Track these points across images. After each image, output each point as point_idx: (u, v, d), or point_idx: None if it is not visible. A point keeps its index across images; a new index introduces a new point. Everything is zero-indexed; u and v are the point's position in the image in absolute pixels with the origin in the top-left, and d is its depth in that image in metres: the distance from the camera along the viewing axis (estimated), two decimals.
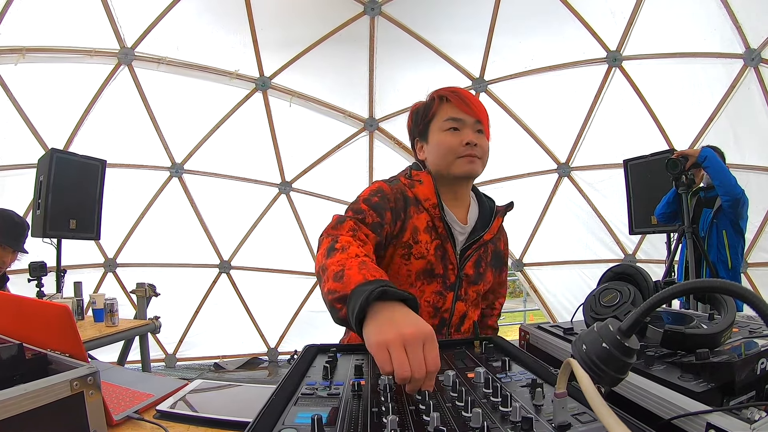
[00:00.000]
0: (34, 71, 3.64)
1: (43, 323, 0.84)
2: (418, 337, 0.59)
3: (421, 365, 0.57)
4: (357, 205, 1.00)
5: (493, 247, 1.16)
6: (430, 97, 1.12)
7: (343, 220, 0.95)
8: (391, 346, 0.58)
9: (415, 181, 1.07)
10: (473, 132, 1.06)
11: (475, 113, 1.06)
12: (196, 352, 4.68)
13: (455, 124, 1.06)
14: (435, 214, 1.05)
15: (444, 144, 1.06)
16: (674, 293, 0.44)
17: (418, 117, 1.13)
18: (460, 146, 1.04)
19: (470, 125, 1.06)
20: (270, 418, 0.51)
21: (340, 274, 0.75)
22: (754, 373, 0.65)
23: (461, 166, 1.05)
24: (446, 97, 1.08)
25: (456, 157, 1.05)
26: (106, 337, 2.31)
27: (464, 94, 1.08)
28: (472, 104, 1.06)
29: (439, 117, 1.08)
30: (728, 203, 2.49)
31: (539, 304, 5.08)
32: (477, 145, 1.05)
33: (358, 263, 0.77)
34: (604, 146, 4.36)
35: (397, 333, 0.59)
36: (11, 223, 2.17)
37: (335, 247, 0.84)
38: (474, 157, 1.05)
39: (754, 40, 3.68)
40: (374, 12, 4.05)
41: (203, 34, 4.01)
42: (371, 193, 1.02)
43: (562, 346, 0.87)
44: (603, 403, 0.41)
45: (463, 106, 1.05)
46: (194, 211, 4.55)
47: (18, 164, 3.74)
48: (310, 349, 0.81)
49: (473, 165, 1.05)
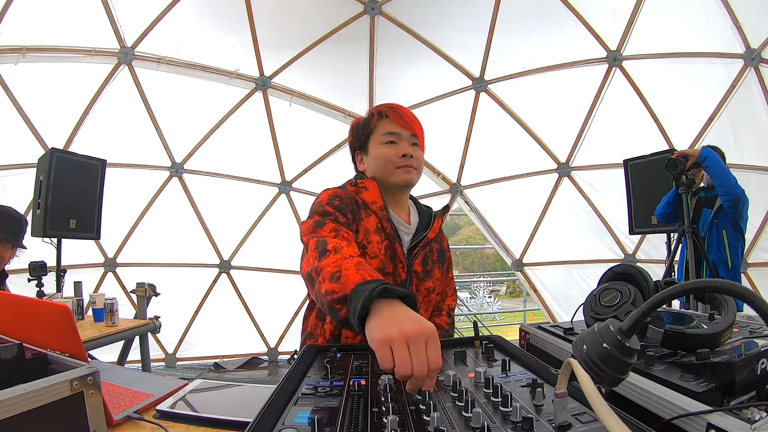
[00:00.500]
0: (34, 71, 3.64)
1: (43, 323, 0.84)
2: (421, 335, 0.60)
3: (423, 363, 0.57)
4: (323, 209, 1.06)
5: (437, 245, 1.25)
6: (369, 113, 1.22)
7: (322, 222, 1.01)
8: (393, 342, 0.59)
9: (361, 188, 1.16)
10: (409, 144, 1.16)
11: (410, 127, 1.16)
12: (196, 352, 4.68)
13: (392, 138, 1.15)
14: (382, 215, 1.14)
15: (383, 156, 1.16)
16: (674, 293, 0.44)
17: (358, 131, 1.23)
18: (397, 157, 1.14)
19: (406, 138, 1.16)
20: (270, 418, 0.51)
21: (338, 275, 0.77)
22: (754, 373, 0.65)
23: (399, 175, 1.15)
24: (385, 113, 1.18)
25: (394, 167, 1.15)
26: (106, 337, 2.31)
27: (401, 110, 1.18)
28: (407, 119, 1.16)
29: (378, 131, 1.18)
30: (728, 203, 2.49)
31: (539, 304, 5.08)
32: (413, 157, 1.15)
33: (354, 264, 0.80)
34: (604, 146, 4.36)
35: (401, 330, 0.60)
36: (9, 218, 2.17)
37: (327, 249, 0.88)
38: (410, 167, 1.15)
39: (754, 40, 3.68)
40: (374, 12, 4.05)
41: (203, 34, 4.01)
42: (330, 198, 1.09)
43: (563, 346, 0.87)
44: (603, 403, 0.41)
45: (399, 121, 1.16)
46: (194, 211, 4.55)
47: (18, 164, 3.74)
48: (310, 349, 0.81)
49: (409, 175, 1.15)
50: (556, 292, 4.95)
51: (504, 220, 4.98)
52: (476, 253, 19.56)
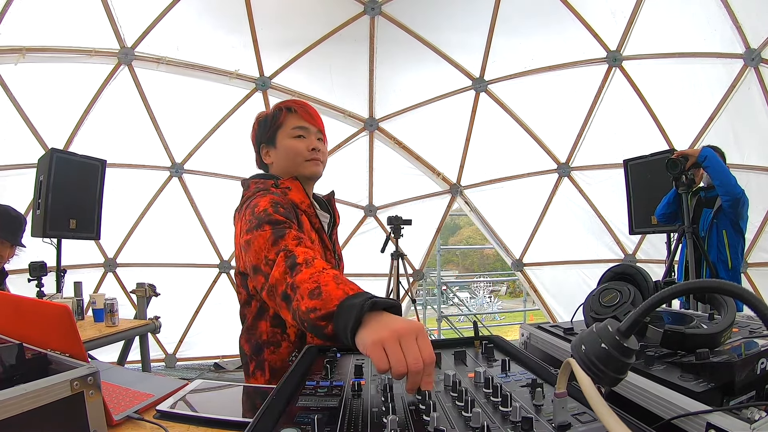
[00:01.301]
0: (34, 71, 3.64)
1: (43, 323, 0.84)
2: (411, 332, 0.62)
3: (417, 357, 0.59)
4: (272, 218, 0.99)
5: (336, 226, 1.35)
6: (276, 108, 1.26)
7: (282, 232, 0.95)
8: (386, 342, 0.61)
9: (285, 188, 1.16)
10: (316, 139, 1.23)
11: (317, 123, 1.23)
12: (196, 352, 4.68)
13: (301, 132, 1.21)
14: (311, 213, 1.19)
15: (293, 149, 1.20)
16: (674, 293, 0.44)
17: (265, 125, 1.25)
18: (306, 150, 1.20)
19: (314, 133, 1.22)
20: (270, 418, 0.51)
21: (317, 291, 0.76)
22: (754, 373, 0.65)
23: (308, 167, 1.21)
24: (293, 108, 1.23)
25: (304, 159, 1.20)
26: (106, 337, 2.31)
27: (307, 106, 1.25)
28: (315, 115, 1.24)
29: (287, 125, 1.22)
30: (728, 203, 2.49)
31: (539, 304, 5.08)
32: (320, 151, 1.22)
33: (332, 277, 0.79)
34: (604, 146, 4.37)
35: (391, 330, 0.62)
36: (8, 217, 2.17)
37: (297, 263, 0.85)
38: (318, 160, 1.22)
39: (754, 40, 3.68)
40: (374, 12, 4.05)
41: (203, 34, 4.01)
42: (273, 205, 1.03)
43: (562, 346, 0.87)
44: (603, 403, 0.41)
45: (308, 117, 1.22)
46: (194, 211, 4.55)
47: (18, 164, 3.74)
48: (310, 349, 0.81)
49: (317, 167, 1.22)
50: (556, 292, 4.95)
51: (504, 220, 4.98)
52: (476, 253, 19.55)
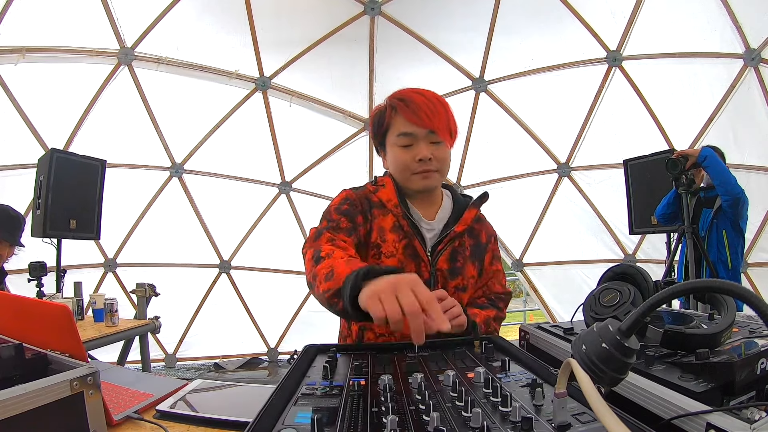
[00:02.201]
0: (34, 71, 3.64)
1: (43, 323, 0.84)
2: (405, 281, 0.64)
3: (413, 302, 0.60)
4: (330, 215, 1.05)
5: (472, 240, 1.13)
6: (384, 104, 1.10)
7: (320, 232, 1.00)
8: (381, 293, 0.63)
9: (379, 186, 1.11)
10: (427, 145, 1.02)
11: (426, 124, 1.00)
12: (196, 352, 4.68)
13: (407, 141, 1.03)
14: (398, 213, 1.07)
15: (398, 161, 1.05)
16: (674, 293, 0.44)
17: (375, 128, 1.12)
18: (413, 163, 1.03)
19: (423, 138, 1.02)
20: (270, 418, 0.51)
21: (330, 274, 0.80)
22: (754, 373, 0.65)
23: (417, 182, 1.05)
24: (396, 107, 1.04)
25: (411, 173, 1.04)
26: (106, 337, 2.31)
27: (417, 102, 1.02)
28: (423, 114, 1.00)
29: (393, 130, 1.06)
30: (728, 203, 2.49)
31: (539, 304, 5.08)
32: (432, 159, 1.02)
33: (344, 261, 0.82)
34: (604, 146, 4.36)
35: (386, 282, 0.65)
36: (6, 216, 2.18)
37: (321, 257, 0.89)
38: (428, 171, 1.03)
39: (754, 40, 3.68)
40: (374, 12, 4.05)
41: (203, 34, 4.01)
42: (340, 202, 1.08)
43: (562, 346, 0.87)
44: (603, 403, 0.41)
45: (413, 118, 1.00)
46: (194, 211, 4.55)
47: (18, 164, 3.74)
48: (310, 349, 0.81)
49: (428, 180, 1.05)
50: (556, 292, 4.95)
51: (504, 220, 4.98)
52: None
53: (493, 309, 1.12)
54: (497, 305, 1.14)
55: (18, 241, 2.22)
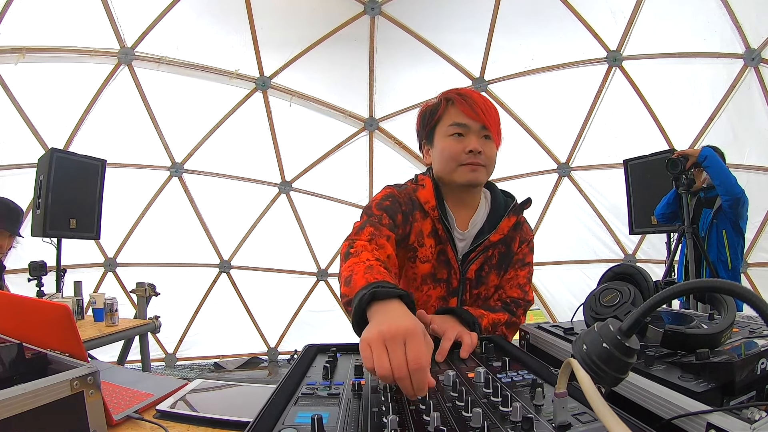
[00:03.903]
0: (34, 71, 3.64)
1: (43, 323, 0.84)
2: (398, 335, 0.58)
3: (401, 363, 0.55)
4: (371, 210, 1.02)
5: (503, 248, 1.10)
6: (438, 99, 1.08)
7: (363, 226, 0.98)
8: (372, 344, 0.58)
9: (419, 185, 1.08)
10: (478, 139, 1.02)
11: (481, 118, 1.01)
12: (196, 351, 4.68)
13: (460, 130, 1.02)
14: (435, 216, 1.05)
15: (447, 150, 1.03)
16: (674, 293, 0.44)
17: (425, 119, 1.10)
18: (462, 153, 1.01)
19: (475, 131, 1.02)
20: (270, 418, 0.51)
21: (349, 279, 0.79)
22: (754, 373, 0.65)
23: (463, 174, 1.03)
24: (453, 100, 1.04)
25: (458, 164, 1.02)
26: (106, 337, 2.30)
27: (474, 97, 1.03)
28: (479, 109, 1.01)
29: (445, 121, 1.05)
30: (728, 203, 2.49)
31: (539, 304, 5.08)
32: (481, 153, 1.01)
33: (364, 268, 0.79)
34: (604, 146, 4.36)
35: (377, 331, 0.59)
36: (6, 208, 2.23)
37: (350, 252, 0.88)
38: (477, 165, 1.02)
39: (754, 40, 3.68)
40: (374, 12, 4.05)
41: (203, 34, 4.01)
42: (383, 198, 1.05)
43: (563, 346, 0.87)
44: (603, 403, 0.41)
45: (468, 111, 1.01)
46: (194, 211, 4.55)
47: (18, 164, 3.74)
48: (310, 349, 0.81)
49: (475, 174, 1.02)
50: (556, 292, 4.95)
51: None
52: None
53: (505, 313, 1.07)
54: (511, 310, 1.09)
55: (17, 232, 2.25)
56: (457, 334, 0.84)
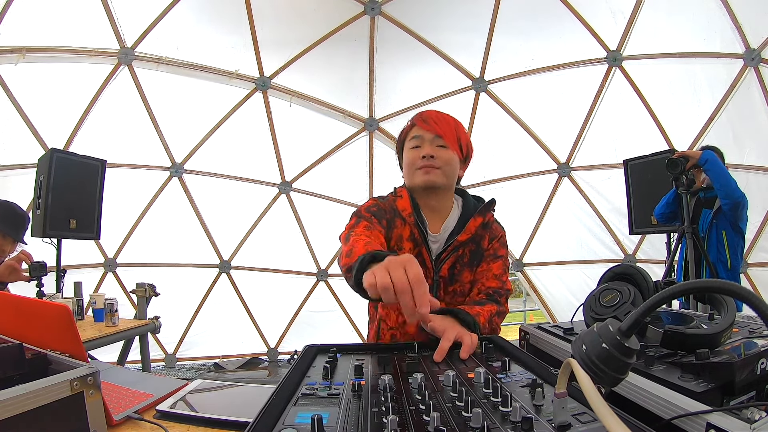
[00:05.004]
0: (34, 71, 3.64)
1: (43, 323, 0.84)
2: (397, 261, 0.70)
3: (402, 277, 0.66)
4: (360, 213, 1.18)
5: (473, 247, 1.20)
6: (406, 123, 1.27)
7: (357, 223, 1.13)
8: (376, 272, 0.71)
9: (398, 196, 1.22)
10: (432, 146, 1.16)
11: (434, 129, 1.16)
12: (196, 352, 4.68)
13: (417, 142, 1.18)
14: (411, 222, 1.17)
15: (407, 159, 1.20)
16: (674, 293, 0.44)
17: (397, 142, 1.28)
18: (418, 159, 1.16)
19: (429, 140, 1.17)
20: (270, 418, 0.51)
21: (349, 252, 0.94)
22: (754, 373, 0.65)
23: (419, 176, 1.16)
24: (412, 121, 1.22)
25: (415, 169, 1.17)
26: (106, 337, 2.30)
27: (429, 114, 1.21)
28: (431, 121, 1.18)
29: (407, 139, 1.22)
30: (728, 207, 2.49)
31: (539, 304, 5.08)
32: (434, 157, 1.15)
33: (363, 242, 0.95)
34: (604, 146, 4.36)
35: (381, 264, 0.73)
36: (12, 213, 2.23)
37: (350, 235, 1.04)
38: (430, 167, 1.15)
39: (754, 40, 3.68)
40: (374, 12, 4.05)
41: (203, 34, 4.01)
42: (370, 205, 1.21)
43: (562, 346, 0.87)
44: (603, 403, 0.41)
45: (423, 125, 1.18)
46: (194, 211, 4.55)
47: (18, 164, 3.74)
48: (310, 349, 0.81)
49: (429, 176, 1.15)
50: (556, 292, 4.95)
51: (504, 220, 4.97)
52: None
53: (493, 304, 1.13)
54: (496, 299, 1.15)
55: (21, 239, 2.25)
56: (456, 334, 0.84)
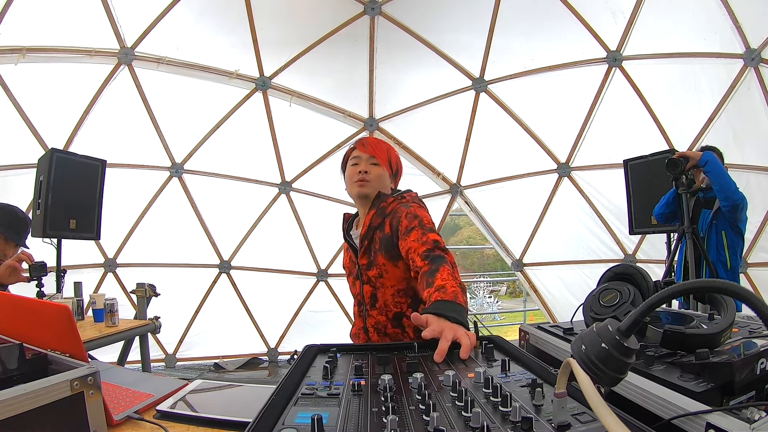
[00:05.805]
0: (34, 71, 3.64)
1: (43, 323, 0.85)
2: None
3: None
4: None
5: (380, 233, 1.38)
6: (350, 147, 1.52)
7: None
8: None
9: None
10: (366, 164, 1.43)
11: (369, 151, 1.44)
12: (196, 352, 4.68)
13: (356, 161, 1.45)
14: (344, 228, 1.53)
15: (348, 174, 1.47)
16: (674, 293, 0.44)
17: (342, 162, 1.54)
18: (355, 174, 1.42)
19: (365, 160, 1.44)
20: (270, 418, 0.51)
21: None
22: (753, 373, 0.65)
23: (355, 188, 1.42)
24: (355, 145, 1.49)
25: (353, 182, 1.43)
26: (106, 337, 2.31)
27: (368, 139, 1.49)
28: (369, 145, 1.45)
29: (350, 158, 1.48)
30: (727, 208, 2.49)
31: (539, 304, 5.08)
32: (368, 173, 1.41)
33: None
34: (604, 146, 4.36)
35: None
36: (14, 217, 2.23)
37: None
38: (363, 181, 1.41)
39: (754, 40, 3.68)
40: (374, 12, 4.05)
41: (203, 34, 4.01)
42: None
43: (562, 346, 0.87)
44: (603, 403, 0.41)
45: (361, 148, 1.45)
46: (194, 211, 4.55)
47: (18, 164, 3.74)
48: (310, 349, 0.81)
49: (362, 188, 1.41)
50: (556, 292, 4.95)
51: (504, 220, 4.98)
52: (476, 253, 19.50)
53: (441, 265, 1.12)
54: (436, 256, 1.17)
55: (23, 243, 2.25)
56: (455, 334, 0.84)
